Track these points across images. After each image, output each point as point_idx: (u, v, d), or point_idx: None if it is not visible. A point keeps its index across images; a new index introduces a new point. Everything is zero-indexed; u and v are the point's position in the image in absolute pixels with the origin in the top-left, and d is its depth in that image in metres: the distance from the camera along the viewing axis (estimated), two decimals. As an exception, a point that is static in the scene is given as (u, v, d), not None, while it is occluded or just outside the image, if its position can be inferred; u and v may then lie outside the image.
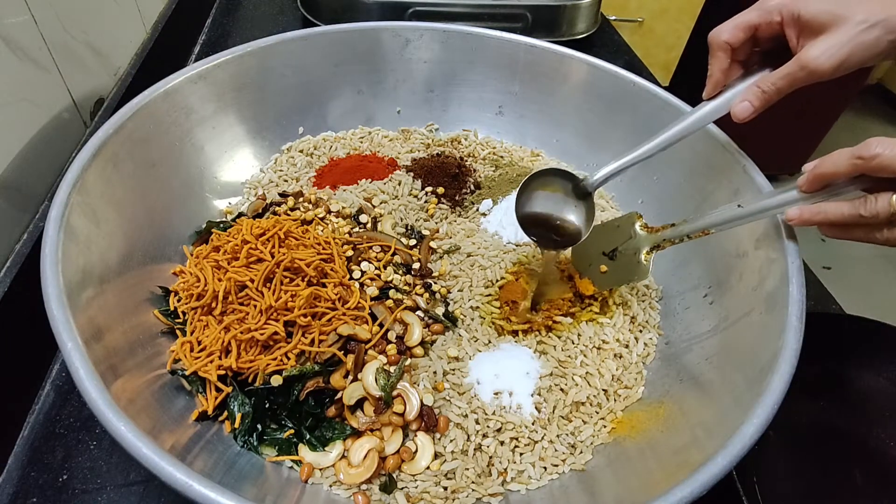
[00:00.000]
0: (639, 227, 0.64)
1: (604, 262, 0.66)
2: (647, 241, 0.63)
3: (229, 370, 0.56)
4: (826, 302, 0.76)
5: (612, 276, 0.66)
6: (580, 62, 0.84)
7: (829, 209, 0.48)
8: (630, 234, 0.64)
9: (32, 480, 0.53)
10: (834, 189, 0.48)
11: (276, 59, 0.81)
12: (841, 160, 0.45)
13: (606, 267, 0.66)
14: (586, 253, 0.69)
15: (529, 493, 0.54)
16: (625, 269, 0.64)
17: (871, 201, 0.44)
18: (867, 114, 3.02)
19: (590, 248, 0.68)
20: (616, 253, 0.65)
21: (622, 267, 0.65)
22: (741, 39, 0.54)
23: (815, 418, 0.62)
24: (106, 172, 0.58)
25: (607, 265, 0.66)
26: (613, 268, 0.66)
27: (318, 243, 0.67)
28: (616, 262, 0.65)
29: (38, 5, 0.68)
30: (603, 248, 0.67)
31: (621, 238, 0.65)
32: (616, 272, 0.65)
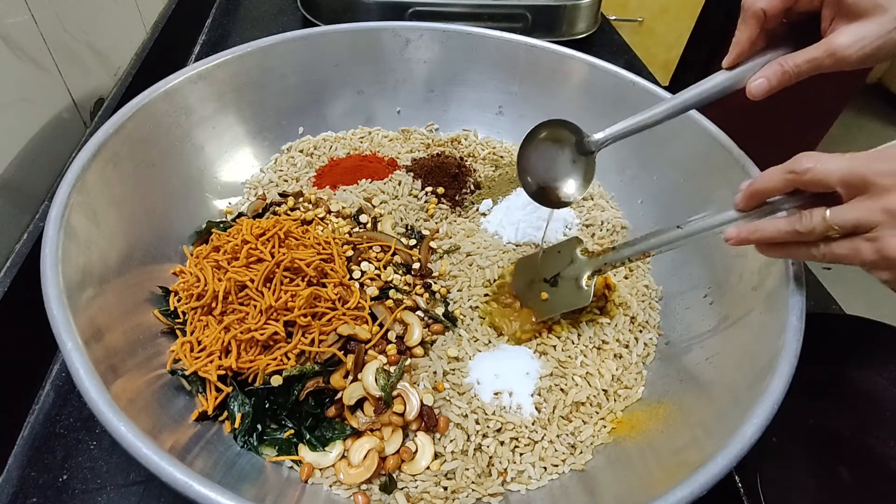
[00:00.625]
0: (579, 252, 0.64)
1: (545, 288, 0.66)
2: (589, 265, 0.63)
3: (229, 370, 0.56)
4: (826, 302, 0.76)
5: (553, 302, 0.65)
6: (580, 62, 0.84)
7: (765, 227, 0.47)
8: (571, 258, 0.65)
9: (32, 480, 0.53)
10: (771, 207, 0.48)
11: (276, 59, 0.81)
12: (774, 176, 0.45)
13: (547, 294, 0.65)
14: (526, 280, 0.68)
15: (529, 493, 0.54)
16: (566, 296, 0.64)
17: (807, 216, 0.43)
18: (867, 113, 3.02)
19: (530, 274, 0.68)
20: (557, 279, 0.65)
21: (563, 293, 0.64)
22: (778, 9, 0.51)
23: (815, 418, 0.62)
24: (106, 172, 0.58)
25: (548, 292, 0.65)
26: (554, 294, 0.65)
27: (318, 243, 0.67)
28: (557, 289, 0.65)
29: (38, 5, 0.68)
30: (544, 275, 0.66)
31: (562, 264, 0.65)
32: (557, 298, 0.65)
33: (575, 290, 0.63)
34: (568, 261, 0.65)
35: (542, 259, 0.67)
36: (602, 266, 0.61)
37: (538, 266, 0.67)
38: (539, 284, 0.66)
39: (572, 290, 0.63)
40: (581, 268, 0.63)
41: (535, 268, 0.68)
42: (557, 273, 0.65)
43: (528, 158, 0.63)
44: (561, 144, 0.62)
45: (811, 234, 0.43)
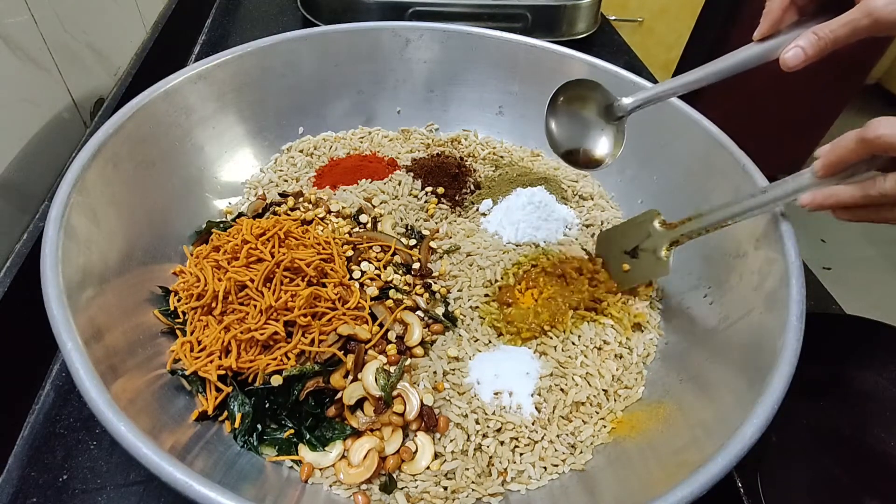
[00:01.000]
0: (657, 223, 0.65)
1: (626, 260, 0.68)
2: (666, 237, 0.63)
3: (229, 370, 0.56)
4: (826, 302, 0.76)
5: (634, 273, 0.67)
6: (580, 62, 0.84)
7: (840, 192, 0.47)
8: (649, 231, 0.65)
9: (32, 480, 0.53)
10: (848, 171, 0.48)
11: (276, 59, 0.81)
12: (848, 144, 0.45)
13: (629, 265, 0.67)
14: (609, 252, 0.71)
15: (529, 493, 0.54)
16: (646, 267, 0.65)
17: (880, 181, 0.44)
18: (867, 114, 3.01)
19: (612, 247, 0.70)
20: (637, 251, 0.66)
21: (643, 264, 0.66)
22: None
23: (815, 418, 0.62)
24: (106, 172, 0.58)
25: (629, 263, 0.67)
26: (635, 266, 0.67)
27: (318, 243, 0.67)
28: (638, 260, 0.66)
29: (38, 5, 0.68)
30: (624, 247, 0.68)
31: (641, 236, 0.66)
32: (638, 270, 0.67)
33: (654, 261, 0.64)
34: (646, 233, 0.65)
35: (623, 231, 0.69)
36: (679, 237, 0.62)
37: (619, 238, 0.69)
38: (620, 256, 0.68)
39: (651, 261, 0.64)
40: (659, 239, 0.64)
41: (617, 240, 0.69)
42: (637, 245, 0.66)
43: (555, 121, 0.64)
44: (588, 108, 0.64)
45: (884, 198, 0.44)
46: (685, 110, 0.74)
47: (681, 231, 0.62)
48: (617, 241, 0.70)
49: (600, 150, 0.66)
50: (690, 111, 0.73)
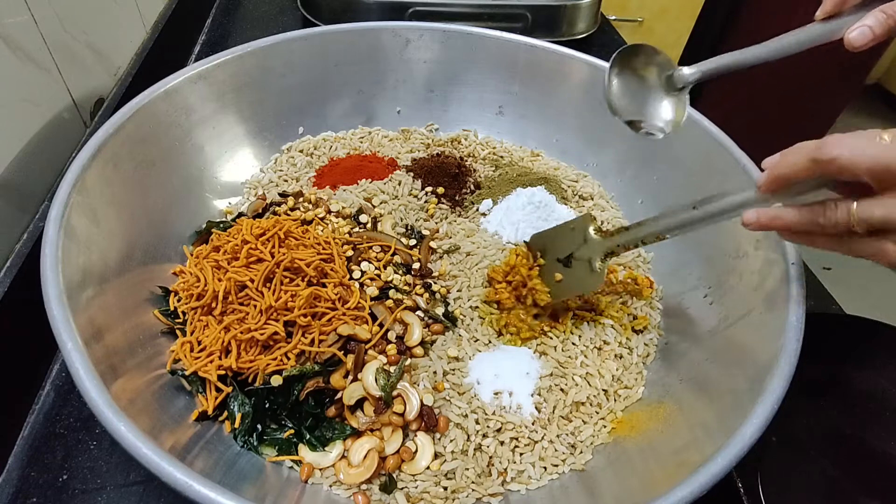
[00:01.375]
0: (592, 230, 0.60)
1: (558, 269, 0.63)
2: (601, 246, 0.60)
3: (229, 370, 0.55)
4: (826, 302, 0.76)
5: (565, 284, 0.62)
6: (580, 62, 0.84)
7: (785, 215, 0.43)
8: (584, 238, 0.61)
9: (32, 480, 0.53)
10: (798, 189, 0.43)
11: (276, 59, 0.81)
12: (798, 161, 0.41)
13: (561, 275, 0.62)
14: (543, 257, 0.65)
15: (529, 493, 0.54)
16: (579, 278, 0.61)
17: (831, 209, 0.40)
18: (866, 114, 3.02)
19: (546, 253, 0.65)
20: (571, 259, 0.62)
21: (576, 275, 0.61)
22: None
23: (815, 418, 0.62)
24: (106, 172, 0.58)
25: (562, 273, 0.62)
26: (568, 276, 0.62)
27: (318, 243, 0.67)
28: (571, 270, 0.62)
29: (38, 5, 0.68)
30: (557, 254, 0.63)
31: (575, 243, 0.62)
32: (570, 280, 0.62)
33: (587, 272, 0.60)
34: (581, 240, 0.61)
35: (555, 236, 0.64)
36: (615, 247, 0.58)
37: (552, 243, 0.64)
38: (552, 264, 0.63)
39: (585, 272, 0.60)
40: (594, 249, 0.60)
41: (550, 245, 0.65)
42: (571, 253, 0.62)
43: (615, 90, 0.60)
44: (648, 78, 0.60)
45: (835, 227, 0.40)
46: (691, 115, 0.74)
47: (616, 241, 0.58)
48: (550, 247, 0.64)
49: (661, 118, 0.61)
50: (690, 111, 0.73)
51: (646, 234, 0.56)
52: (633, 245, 0.58)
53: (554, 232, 0.65)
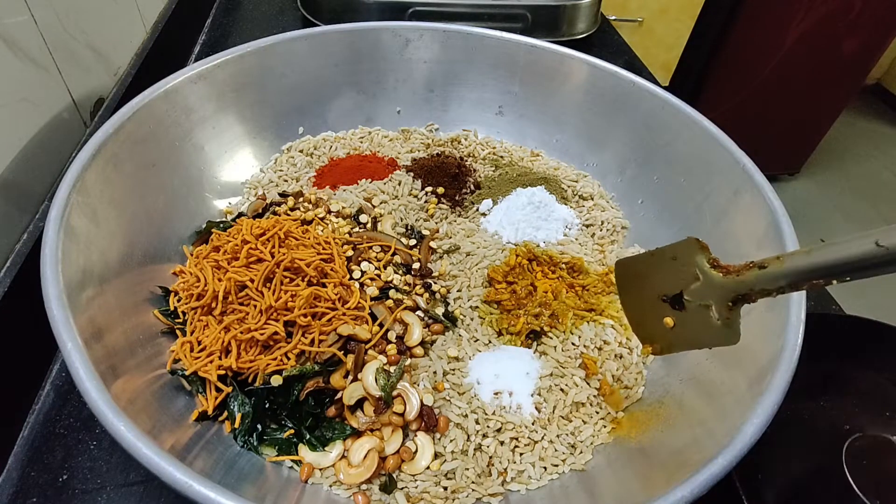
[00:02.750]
0: (706, 263, 0.44)
1: (666, 311, 0.47)
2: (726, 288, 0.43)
3: (229, 370, 0.56)
4: (826, 302, 0.76)
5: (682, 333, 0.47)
6: (580, 62, 0.84)
7: None
8: (695, 273, 0.45)
9: (32, 480, 0.53)
10: None
11: (276, 59, 0.81)
12: None
13: (672, 320, 0.47)
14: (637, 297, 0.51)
15: (529, 493, 0.54)
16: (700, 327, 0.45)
17: None
18: (866, 114, 3.02)
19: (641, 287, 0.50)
20: (682, 300, 0.46)
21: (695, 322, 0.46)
22: None
23: (815, 418, 0.62)
24: (106, 172, 0.58)
25: (673, 318, 0.47)
26: (682, 322, 0.47)
27: (318, 243, 0.67)
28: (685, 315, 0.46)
29: (38, 5, 0.68)
30: (660, 291, 0.48)
31: (685, 278, 0.46)
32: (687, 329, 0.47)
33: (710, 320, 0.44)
34: (692, 275, 0.45)
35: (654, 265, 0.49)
36: (749, 292, 0.42)
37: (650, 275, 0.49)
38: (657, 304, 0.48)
39: (707, 320, 0.45)
40: (714, 289, 0.44)
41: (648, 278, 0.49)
42: (680, 291, 0.46)
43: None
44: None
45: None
46: (685, 110, 0.74)
47: (749, 282, 0.41)
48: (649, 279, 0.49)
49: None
50: (690, 111, 0.73)
51: (795, 272, 0.38)
52: (777, 290, 0.40)
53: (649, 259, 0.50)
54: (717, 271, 0.44)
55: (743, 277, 0.42)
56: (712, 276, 0.44)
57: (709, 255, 0.45)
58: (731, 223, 0.65)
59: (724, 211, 0.66)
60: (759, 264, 0.41)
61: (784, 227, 0.57)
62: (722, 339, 0.45)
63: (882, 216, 2.48)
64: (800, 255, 0.38)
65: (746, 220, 0.62)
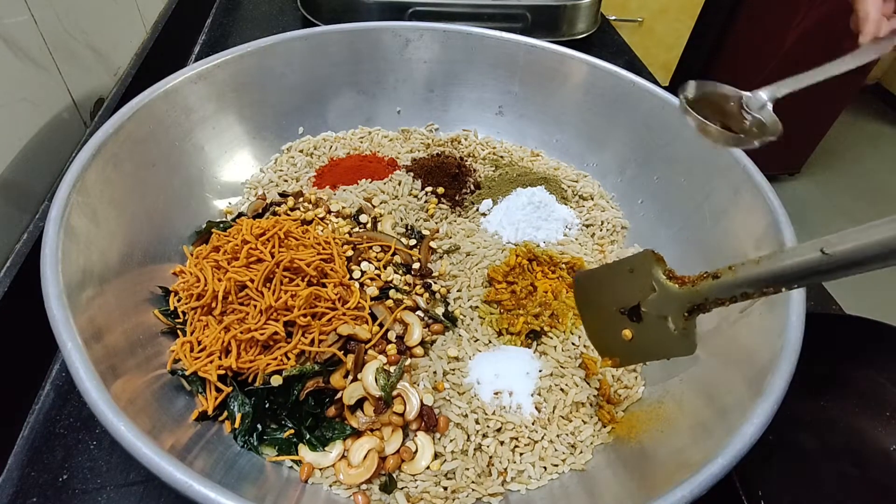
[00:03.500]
0: (661, 275, 0.46)
1: (624, 323, 0.49)
2: (681, 299, 0.44)
3: (229, 370, 0.56)
4: (826, 302, 0.76)
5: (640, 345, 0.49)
6: (580, 62, 0.84)
7: None
8: (651, 284, 0.46)
9: (32, 480, 0.53)
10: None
11: (276, 59, 0.81)
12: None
13: (630, 332, 0.49)
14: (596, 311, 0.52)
15: (529, 493, 0.54)
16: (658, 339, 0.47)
17: None
18: (866, 114, 3.02)
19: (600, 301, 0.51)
20: (640, 312, 0.48)
21: (653, 334, 0.47)
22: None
23: (815, 418, 0.62)
24: (106, 172, 0.58)
25: (632, 330, 0.48)
26: (641, 333, 0.48)
27: (318, 243, 0.67)
28: (643, 326, 0.48)
29: (38, 5, 0.68)
30: (618, 304, 0.49)
31: (642, 290, 0.47)
32: (646, 340, 0.48)
33: (667, 331, 0.46)
34: (649, 287, 0.46)
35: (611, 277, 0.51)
36: (703, 301, 0.43)
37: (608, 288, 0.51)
38: (615, 317, 0.50)
39: (665, 331, 0.46)
40: (670, 301, 0.45)
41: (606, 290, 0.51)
42: (637, 303, 0.48)
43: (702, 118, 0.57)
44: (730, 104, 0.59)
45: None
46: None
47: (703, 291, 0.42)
48: (607, 292, 0.50)
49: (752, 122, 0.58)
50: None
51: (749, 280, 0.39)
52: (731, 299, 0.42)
53: (607, 272, 0.52)
54: (672, 282, 0.45)
55: (698, 287, 0.43)
56: (668, 287, 0.45)
57: (664, 267, 0.46)
58: (731, 223, 0.65)
59: (724, 211, 0.66)
60: (712, 274, 0.42)
61: (784, 227, 0.57)
62: (679, 350, 0.46)
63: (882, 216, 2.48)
64: (750, 265, 0.39)
65: (746, 220, 0.62)
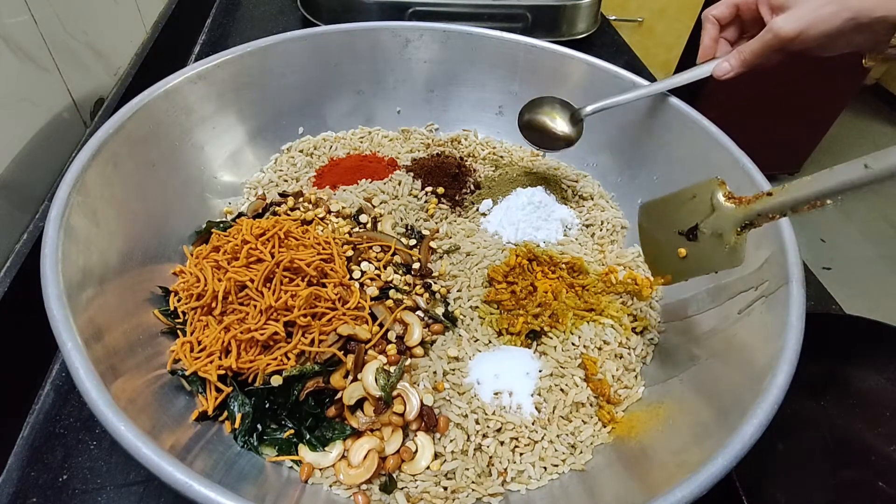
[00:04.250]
0: (722, 196, 0.51)
1: (681, 243, 0.55)
2: (734, 216, 0.50)
3: (229, 370, 0.56)
4: (826, 302, 0.76)
5: (693, 262, 0.54)
6: (580, 62, 0.84)
7: None
8: (711, 206, 0.52)
9: (32, 480, 0.53)
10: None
11: (276, 59, 0.81)
12: None
13: (686, 250, 0.54)
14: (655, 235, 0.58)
15: (529, 493, 0.54)
16: (710, 254, 0.52)
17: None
18: (866, 114, 3.02)
19: (660, 226, 0.57)
20: (697, 232, 0.53)
21: (706, 251, 0.53)
22: (726, 15, 0.67)
23: (815, 418, 0.62)
24: (106, 172, 0.58)
25: (686, 248, 0.54)
26: (694, 251, 0.54)
27: (318, 243, 0.67)
28: (697, 245, 0.53)
29: (38, 5, 0.68)
30: (678, 227, 0.55)
31: (701, 212, 0.52)
32: (699, 257, 0.54)
33: (719, 247, 0.51)
34: (708, 209, 0.52)
35: (676, 204, 0.56)
36: (755, 218, 0.49)
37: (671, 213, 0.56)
38: (673, 238, 0.55)
39: (716, 247, 0.52)
40: (725, 219, 0.50)
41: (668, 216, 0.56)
42: (695, 224, 0.53)
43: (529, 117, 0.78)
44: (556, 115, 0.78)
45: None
46: (685, 110, 0.74)
47: (757, 208, 0.48)
48: (668, 217, 0.56)
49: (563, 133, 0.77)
50: (690, 111, 0.73)
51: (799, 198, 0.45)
52: (781, 213, 0.48)
53: (671, 200, 0.57)
54: (730, 202, 0.51)
55: (753, 205, 0.49)
56: (726, 208, 0.51)
57: (725, 190, 0.52)
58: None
59: (724, 211, 0.66)
60: (766, 193, 0.49)
61: (783, 227, 0.57)
62: (728, 263, 0.52)
63: (882, 216, 2.48)
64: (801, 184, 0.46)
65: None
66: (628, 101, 0.74)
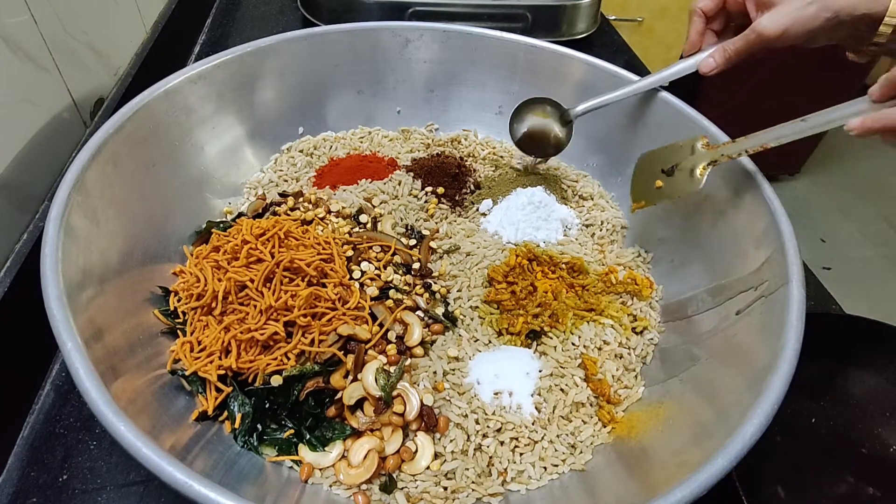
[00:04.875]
0: (700, 145, 0.66)
1: (661, 178, 0.69)
2: (706, 157, 0.64)
3: (229, 370, 0.56)
4: (826, 302, 0.76)
5: (665, 189, 0.68)
6: (580, 62, 0.84)
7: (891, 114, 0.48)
8: (692, 150, 0.66)
9: (32, 480, 0.53)
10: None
11: (276, 59, 0.81)
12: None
13: (662, 182, 0.68)
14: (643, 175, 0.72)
15: (529, 493, 0.54)
16: (679, 184, 0.66)
17: None
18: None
19: (649, 166, 0.71)
20: (674, 169, 0.67)
21: (677, 182, 0.67)
22: (712, 8, 0.67)
23: (815, 418, 0.62)
24: (106, 172, 0.58)
25: (663, 181, 0.68)
26: (668, 183, 0.68)
27: (318, 243, 0.67)
28: (672, 178, 0.67)
29: (38, 5, 0.68)
30: (662, 166, 0.69)
31: (682, 155, 0.67)
32: (670, 186, 0.68)
33: (688, 178, 0.65)
34: (689, 152, 0.66)
35: (666, 151, 0.70)
36: (718, 157, 0.62)
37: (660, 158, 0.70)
38: (656, 174, 0.69)
39: (685, 178, 0.65)
40: (698, 158, 0.65)
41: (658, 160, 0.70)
42: (675, 164, 0.67)
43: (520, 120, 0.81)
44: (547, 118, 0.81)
45: None
46: (685, 110, 0.74)
47: (721, 151, 0.63)
48: (657, 161, 0.70)
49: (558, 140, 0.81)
50: (690, 111, 0.73)
51: (750, 144, 0.60)
52: (737, 154, 0.61)
53: (664, 148, 0.70)
54: (705, 148, 0.65)
55: (719, 148, 0.63)
56: (700, 151, 0.65)
57: (705, 140, 0.66)
58: (730, 223, 0.65)
59: (723, 211, 0.66)
60: (728, 142, 0.64)
61: (783, 227, 0.57)
62: (689, 188, 0.65)
63: (882, 216, 2.48)
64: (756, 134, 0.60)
65: (746, 220, 0.63)
66: (617, 98, 0.76)
